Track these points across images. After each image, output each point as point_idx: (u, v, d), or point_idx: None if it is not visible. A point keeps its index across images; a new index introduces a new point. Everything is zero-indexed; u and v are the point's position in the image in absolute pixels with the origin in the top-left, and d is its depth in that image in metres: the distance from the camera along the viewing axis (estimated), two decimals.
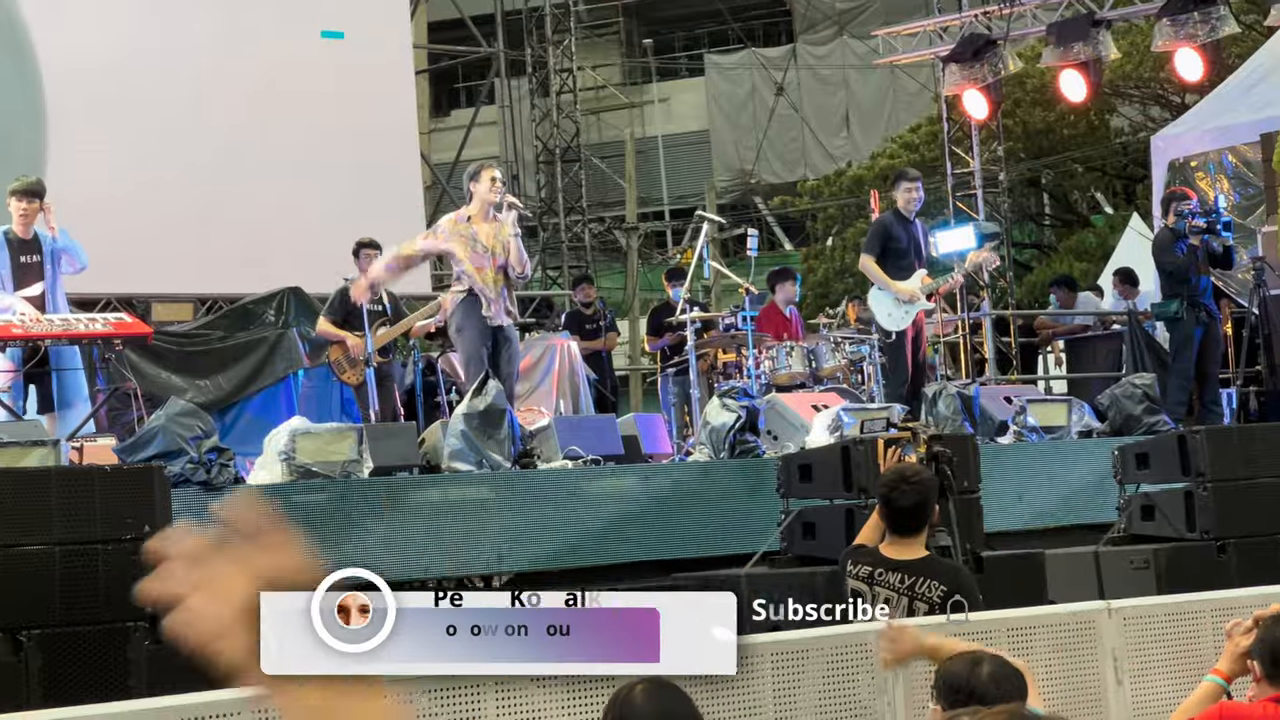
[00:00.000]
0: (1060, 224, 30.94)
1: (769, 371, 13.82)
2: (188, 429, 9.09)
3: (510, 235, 11.26)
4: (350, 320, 12.97)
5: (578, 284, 18.67)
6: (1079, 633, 6.41)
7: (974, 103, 18.39)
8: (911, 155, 28.73)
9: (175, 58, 16.62)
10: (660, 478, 10.62)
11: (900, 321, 13.03)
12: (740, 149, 34.30)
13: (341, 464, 9.63)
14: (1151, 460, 9.92)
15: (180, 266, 16.14)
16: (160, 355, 14.07)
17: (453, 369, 13.40)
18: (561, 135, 25.23)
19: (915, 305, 13.06)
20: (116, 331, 11.14)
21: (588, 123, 29.74)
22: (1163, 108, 27.10)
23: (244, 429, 13.61)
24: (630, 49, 36.98)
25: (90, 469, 7.97)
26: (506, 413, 10.39)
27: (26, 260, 11.42)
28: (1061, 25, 17.46)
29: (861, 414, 11.01)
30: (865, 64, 30.52)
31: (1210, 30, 16.51)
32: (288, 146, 17.04)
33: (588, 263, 25.62)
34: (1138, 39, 23.87)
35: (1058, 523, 11.23)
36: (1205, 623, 6.73)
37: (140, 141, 16.26)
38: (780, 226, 35.53)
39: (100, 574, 7.20)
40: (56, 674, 6.95)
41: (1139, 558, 9.39)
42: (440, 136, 29.88)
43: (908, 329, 13.03)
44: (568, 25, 25.66)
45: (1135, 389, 12.27)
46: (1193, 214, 13.73)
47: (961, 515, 8.05)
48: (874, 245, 13.20)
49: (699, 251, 14.03)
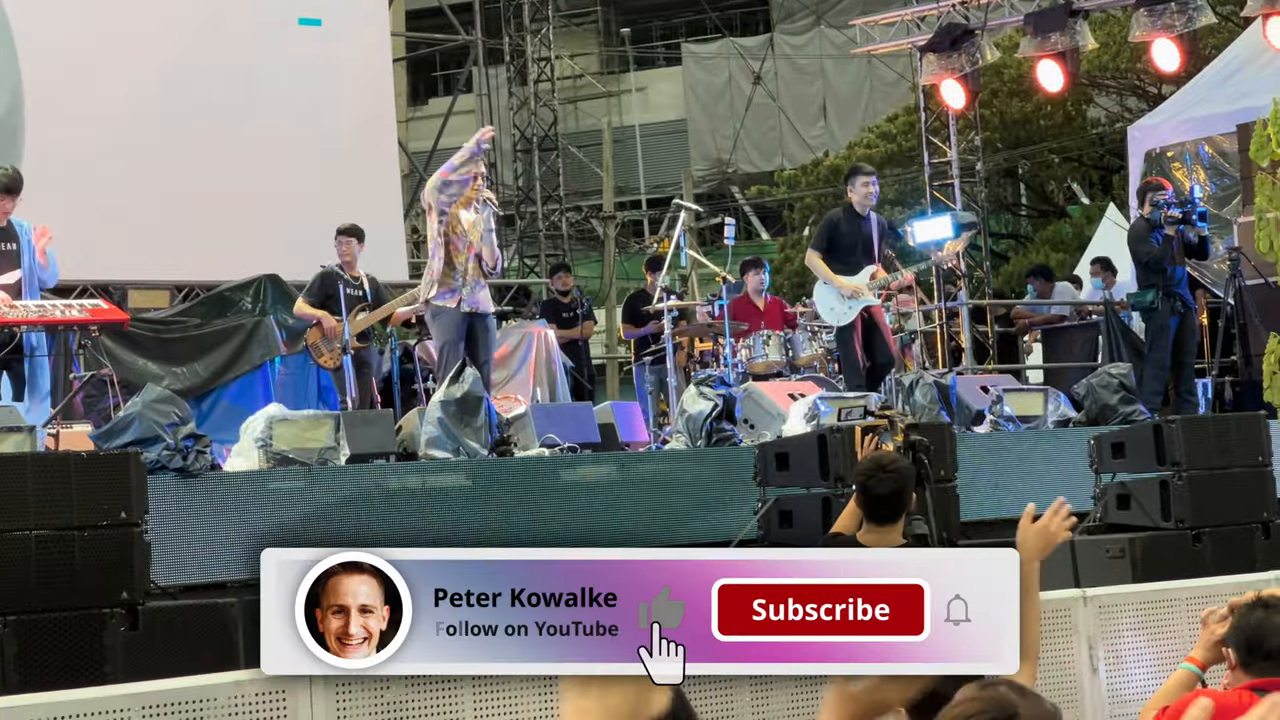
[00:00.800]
0: (1037, 214, 30.99)
1: (746, 360, 13.83)
2: (164, 416, 9.07)
3: (485, 230, 11.28)
4: (329, 305, 12.96)
5: (555, 272, 18.67)
6: (1055, 620, 6.42)
7: (951, 92, 18.40)
8: (889, 145, 28.75)
9: (152, 44, 16.58)
10: (637, 466, 10.62)
11: (843, 316, 13.09)
12: (717, 138, 34.28)
13: (318, 451, 9.62)
14: (1127, 449, 9.95)
15: (156, 253, 16.11)
16: (136, 342, 14.04)
17: (430, 357, 13.39)
18: (539, 124, 25.22)
19: (860, 300, 13.10)
20: (93, 318, 11.10)
21: (565, 111, 29.73)
22: (1139, 98, 27.14)
23: (221, 416, 13.59)
24: (608, 38, 36.94)
25: (66, 455, 7.95)
26: (484, 400, 10.39)
27: (4, 248, 11.35)
28: (1039, 15, 17.48)
29: (839, 402, 11.03)
30: (843, 54, 30.52)
31: (1187, 21, 16.53)
32: (265, 134, 17.01)
33: (565, 251, 25.63)
34: (1115, 29, 23.89)
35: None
36: (1180, 611, 6.76)
37: (116, 128, 16.21)
38: (757, 216, 35.53)
39: (77, 560, 7.19)
40: (32, 660, 6.94)
41: (1114, 546, 9.42)
42: (418, 125, 29.84)
43: (855, 322, 13.08)
44: (545, 14, 25.65)
45: (1111, 379, 12.29)
46: (1168, 204, 13.76)
47: (938, 504, 8.06)
48: (821, 241, 13.31)
49: (676, 240, 14.02)
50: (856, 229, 13.20)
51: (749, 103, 32.85)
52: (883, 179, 28.25)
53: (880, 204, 27.30)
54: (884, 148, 28.82)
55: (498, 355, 14.62)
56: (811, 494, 9.37)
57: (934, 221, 17.21)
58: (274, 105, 17.19)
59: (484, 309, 11.42)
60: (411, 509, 9.57)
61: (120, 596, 7.25)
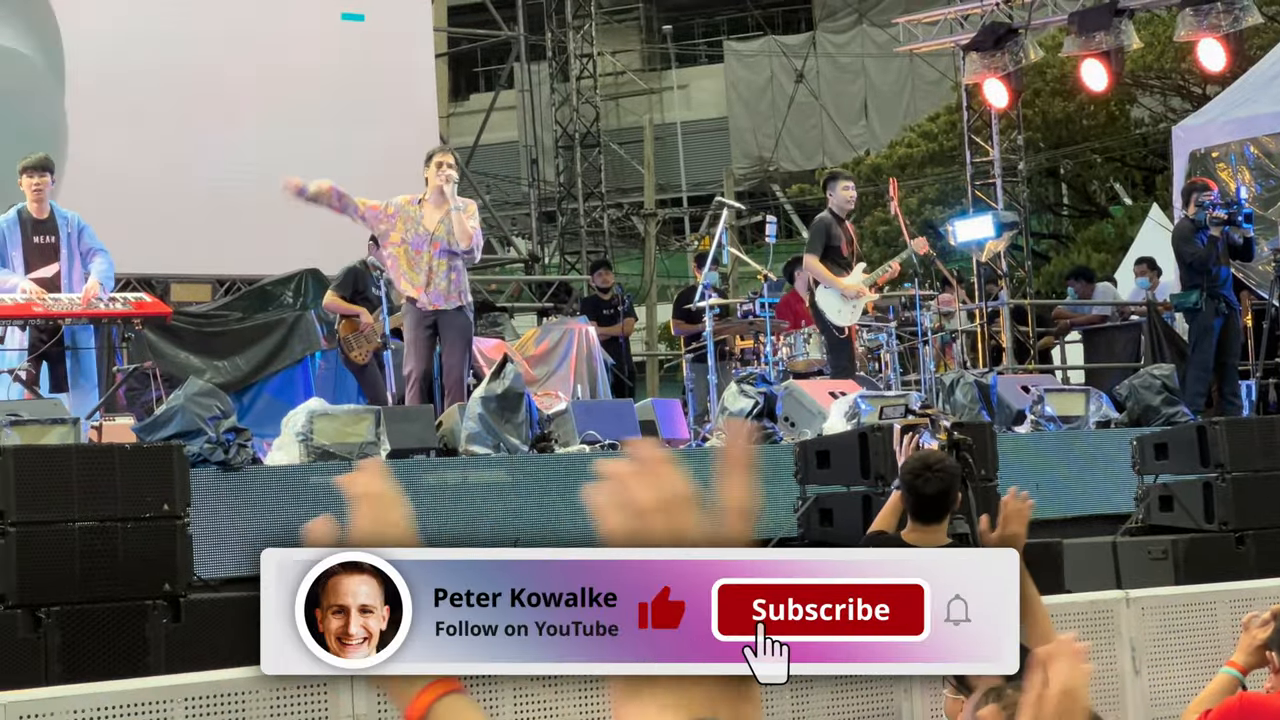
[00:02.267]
0: (1078, 214, 30.88)
1: (786, 358, 13.82)
2: (206, 409, 9.10)
3: (452, 210, 11.18)
4: (359, 300, 12.96)
5: (595, 269, 18.67)
6: (1097, 622, 6.40)
7: (994, 91, 18.34)
8: (930, 144, 28.68)
9: (195, 38, 16.63)
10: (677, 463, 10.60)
11: (849, 317, 13.16)
12: (759, 136, 34.25)
13: (359, 446, 9.64)
14: (1170, 451, 9.91)
15: (199, 247, 16.16)
16: (179, 336, 14.08)
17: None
18: (581, 120, 25.22)
19: (862, 299, 13.17)
20: (136, 311, 11.14)
21: (607, 108, 29.71)
22: (1184, 99, 27.01)
23: (262, 410, 13.62)
24: (650, 35, 36.94)
25: (110, 447, 7.99)
26: (524, 396, 10.39)
27: (41, 241, 11.30)
28: (1083, 14, 17.41)
29: (879, 401, 11.01)
30: (885, 52, 30.47)
31: (1233, 21, 16.46)
32: (307, 129, 17.05)
33: (605, 248, 25.63)
34: (1159, 29, 23.79)
35: (1075, 513, 11.20)
36: (1223, 613, 6.73)
37: (159, 122, 16.27)
38: (798, 214, 35.49)
39: (120, 552, 7.22)
40: (76, 651, 6.97)
41: (1157, 548, 9.38)
42: (459, 120, 29.87)
43: (854, 326, 13.19)
44: (588, 10, 25.65)
45: (1154, 380, 12.25)
46: (1214, 205, 13.70)
47: (980, 504, 8.04)
48: (816, 245, 13.32)
49: (717, 238, 14.02)
50: (843, 231, 13.32)
51: (791, 101, 32.81)
52: (924, 178, 28.34)
53: (921, 203, 27.39)
54: (925, 147, 28.75)
55: (538, 352, 14.64)
56: (852, 492, 9.36)
57: (975, 221, 17.17)
58: (316, 101, 17.23)
59: (451, 305, 11.31)
60: (451, 504, 9.59)
61: (163, 588, 7.28)
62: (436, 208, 11.26)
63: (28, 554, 7.10)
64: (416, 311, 11.21)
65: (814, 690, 5.78)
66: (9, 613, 7.04)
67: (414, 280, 11.20)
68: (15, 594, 7.07)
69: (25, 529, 7.13)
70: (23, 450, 7.58)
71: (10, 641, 6.97)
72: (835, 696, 5.84)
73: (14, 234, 11.23)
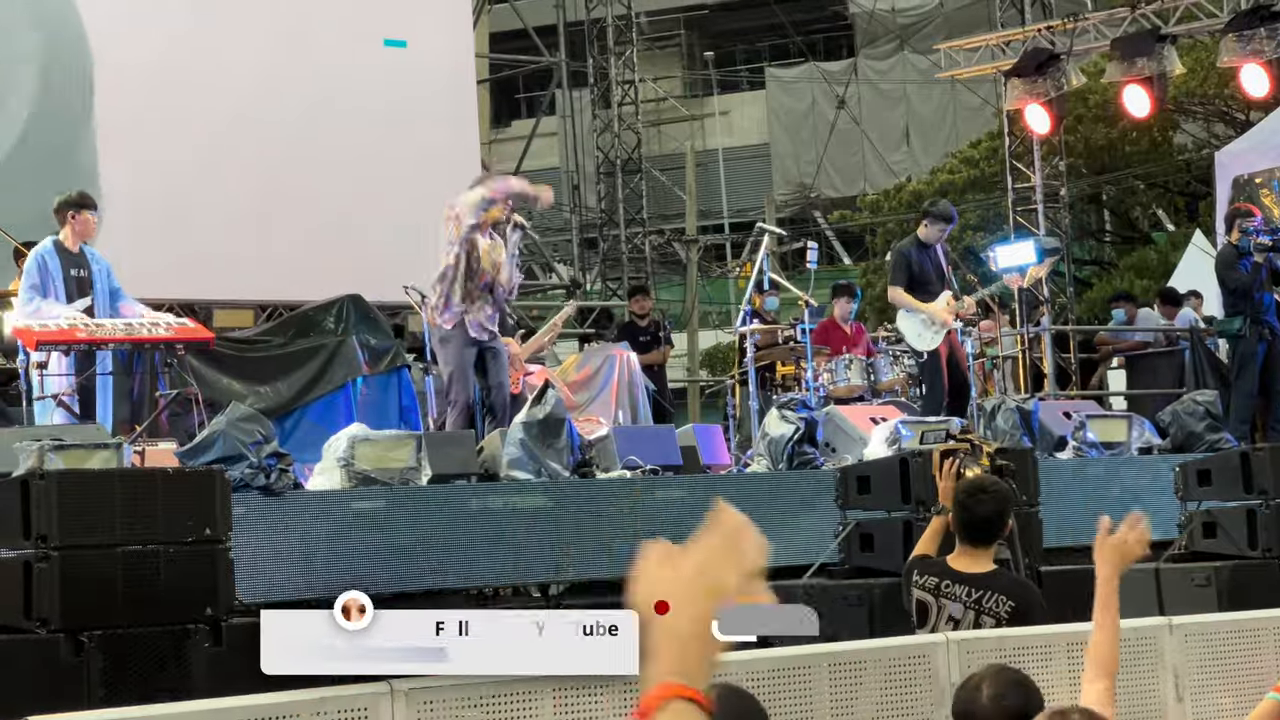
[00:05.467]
0: (1121, 240, 30.79)
1: (828, 384, 13.80)
2: (248, 434, 9.13)
3: (505, 256, 11.26)
4: None
5: (632, 294, 18.67)
6: (1140, 649, 6.37)
7: (1036, 117, 18.32)
8: (972, 170, 28.64)
9: (236, 65, 16.72)
10: (718, 489, 10.59)
11: (931, 341, 13.16)
12: (800, 163, 34.26)
13: (400, 471, 9.64)
14: (1214, 477, 9.85)
15: (241, 273, 16.23)
16: (221, 361, 14.13)
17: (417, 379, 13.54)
18: (622, 147, 25.26)
19: (945, 327, 13.17)
20: (178, 336, 11.19)
21: (648, 134, 29.78)
22: (1227, 124, 26.93)
23: (303, 435, 13.65)
24: (691, 61, 36.99)
25: (153, 471, 8.01)
26: (565, 422, 10.39)
27: (77, 274, 11.47)
28: (1126, 40, 17.39)
29: (920, 426, 10.99)
30: (926, 78, 30.45)
31: (1277, 46, 16.42)
32: (349, 155, 17.11)
33: (647, 274, 25.64)
34: (1202, 55, 23.73)
35: None
36: (1267, 641, 6.69)
37: (201, 148, 16.35)
38: (839, 241, 35.47)
39: (162, 576, 7.24)
40: (118, 675, 6.99)
41: (1200, 575, 9.32)
42: (501, 147, 29.94)
43: (940, 348, 13.14)
44: (629, 37, 25.70)
45: (1197, 406, 12.19)
46: (1257, 231, 13.66)
47: (1021, 529, 8.01)
48: (900, 276, 13.34)
49: (759, 263, 14.03)
50: (927, 258, 13.33)
51: (832, 127, 32.81)
52: (965, 204, 28.28)
53: (963, 229, 27.36)
54: (967, 173, 28.72)
55: (580, 377, 14.65)
56: (892, 518, 9.33)
57: (1017, 246, 17.14)
58: (359, 127, 17.29)
59: (491, 336, 11.40)
60: (493, 530, 9.59)
61: (204, 612, 7.29)
62: (493, 242, 11.30)
63: (70, 578, 7.12)
64: (461, 337, 11.25)
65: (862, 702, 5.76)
66: (51, 637, 7.05)
67: (458, 306, 11.23)
68: (58, 618, 7.08)
69: (68, 553, 7.15)
70: (66, 474, 7.61)
71: (52, 666, 6.99)
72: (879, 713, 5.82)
73: (54, 264, 11.38)
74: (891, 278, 13.70)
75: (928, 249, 13.41)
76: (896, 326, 13.62)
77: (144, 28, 16.33)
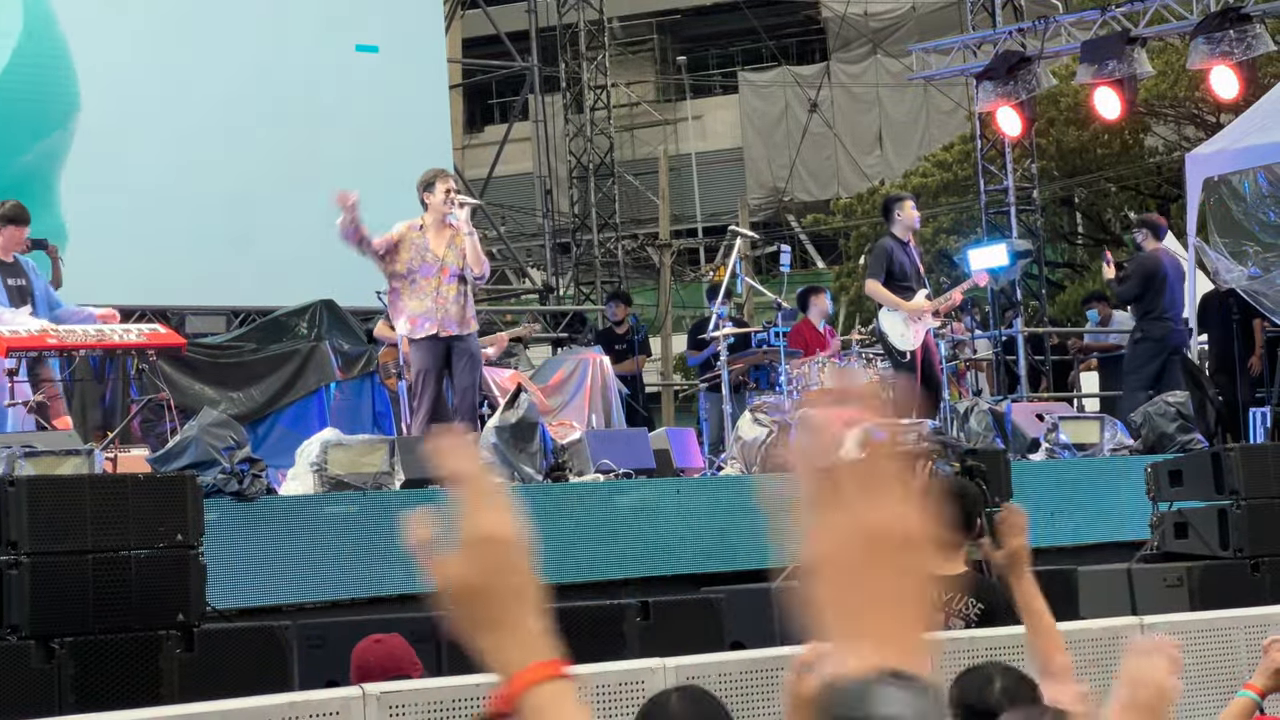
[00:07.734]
0: (1093, 243, 30.84)
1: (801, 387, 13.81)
2: (220, 440, 9.12)
3: (465, 235, 11.24)
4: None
5: (611, 300, 18.66)
6: (1113, 649, 6.38)
7: (1008, 120, 18.35)
8: (944, 174, 28.68)
9: (210, 70, 16.68)
10: (691, 491, 10.60)
11: (912, 341, 13.17)
12: (773, 167, 34.28)
13: (373, 476, 9.64)
14: (1185, 478, 9.88)
15: (213, 279, 16.19)
16: (193, 367, 14.10)
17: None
18: (595, 151, 25.26)
19: (923, 324, 13.20)
20: (150, 343, 11.17)
21: (621, 139, 29.77)
22: (1198, 127, 27.01)
23: (276, 441, 13.63)
24: (664, 66, 37.00)
25: (124, 477, 8.00)
26: (538, 426, 10.40)
27: (14, 283, 11.42)
28: (1095, 43, 17.42)
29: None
30: (899, 82, 30.49)
31: (1246, 48, 16.45)
32: (321, 160, 17.07)
33: (620, 279, 25.64)
34: (1173, 57, 23.79)
35: (1090, 540, 11.19)
36: (1238, 640, 6.71)
37: (174, 154, 16.31)
38: (813, 244, 35.50)
39: (133, 582, 7.22)
40: (89, 681, 6.97)
41: (1172, 575, 9.35)
42: (474, 152, 29.93)
43: (918, 350, 13.17)
44: (602, 42, 25.71)
45: (1168, 407, 12.23)
46: None
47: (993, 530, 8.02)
48: (878, 269, 13.33)
49: (731, 267, 14.03)
50: (906, 257, 13.34)
51: (805, 131, 32.83)
52: (938, 207, 28.32)
53: (936, 232, 27.39)
54: (940, 176, 28.75)
55: (553, 381, 14.65)
56: None
57: (989, 249, 17.17)
58: (331, 133, 17.26)
59: (465, 330, 11.35)
60: None
61: (176, 618, 7.28)
62: (440, 233, 11.30)
63: (41, 585, 7.11)
64: (425, 344, 11.21)
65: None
66: (23, 643, 7.04)
67: (419, 308, 11.20)
68: (29, 624, 7.07)
69: (39, 559, 7.14)
70: (37, 481, 7.59)
71: (24, 672, 6.97)
72: None
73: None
74: (870, 270, 13.66)
75: (906, 247, 13.43)
76: (876, 327, 13.61)
77: (117, 33, 16.29)
